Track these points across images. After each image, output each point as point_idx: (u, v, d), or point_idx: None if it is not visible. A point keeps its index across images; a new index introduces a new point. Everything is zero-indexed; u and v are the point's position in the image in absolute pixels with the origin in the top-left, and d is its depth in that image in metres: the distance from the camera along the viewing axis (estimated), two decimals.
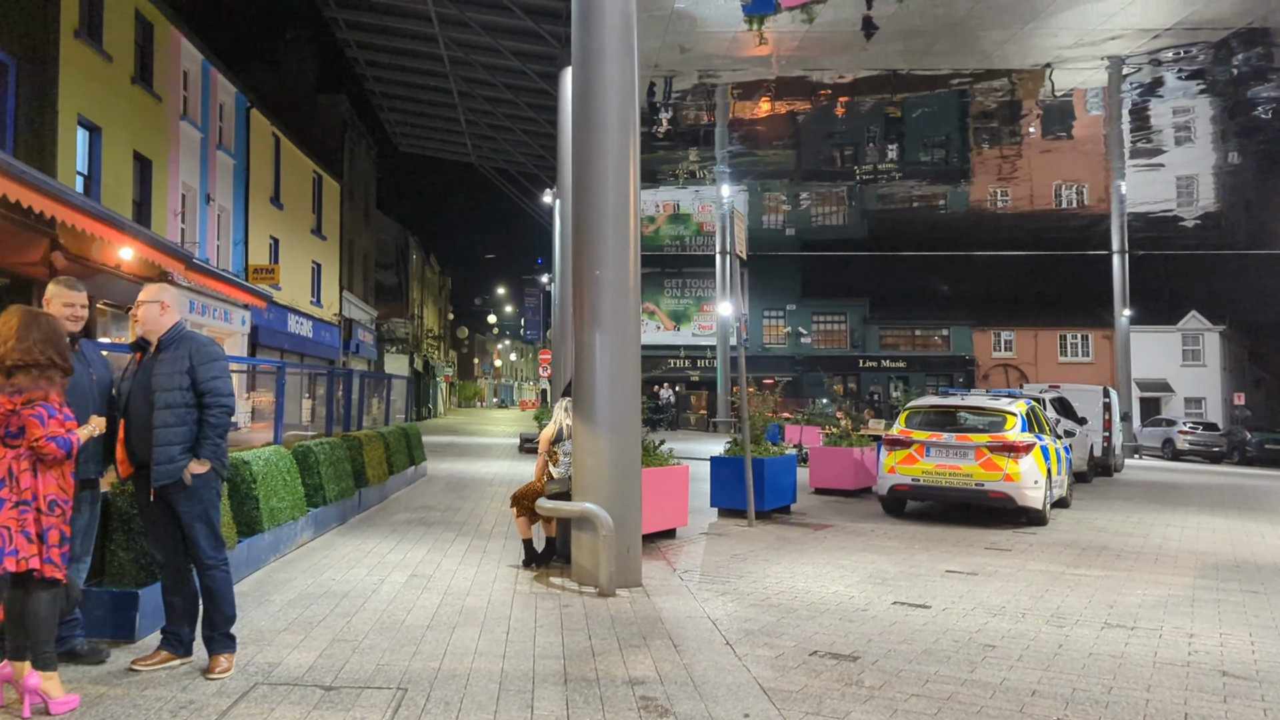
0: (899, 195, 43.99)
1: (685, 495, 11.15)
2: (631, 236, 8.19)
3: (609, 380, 8.10)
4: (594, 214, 8.15)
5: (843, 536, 11.62)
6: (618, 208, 8.14)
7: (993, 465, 12.90)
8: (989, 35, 27.48)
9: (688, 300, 55.88)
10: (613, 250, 8.11)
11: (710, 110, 35.16)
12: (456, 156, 39.18)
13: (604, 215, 8.11)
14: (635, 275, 8.23)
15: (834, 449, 16.53)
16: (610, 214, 8.11)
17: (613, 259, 8.10)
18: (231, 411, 5.56)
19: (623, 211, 8.15)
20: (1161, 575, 9.62)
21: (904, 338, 55.93)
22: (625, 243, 8.15)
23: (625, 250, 8.16)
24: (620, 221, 8.14)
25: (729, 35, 28.26)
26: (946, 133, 37.39)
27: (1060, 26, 26.68)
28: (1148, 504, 17.60)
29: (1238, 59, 29.56)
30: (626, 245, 8.16)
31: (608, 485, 8.09)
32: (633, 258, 8.19)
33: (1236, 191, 44.45)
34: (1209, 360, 56.57)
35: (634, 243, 8.22)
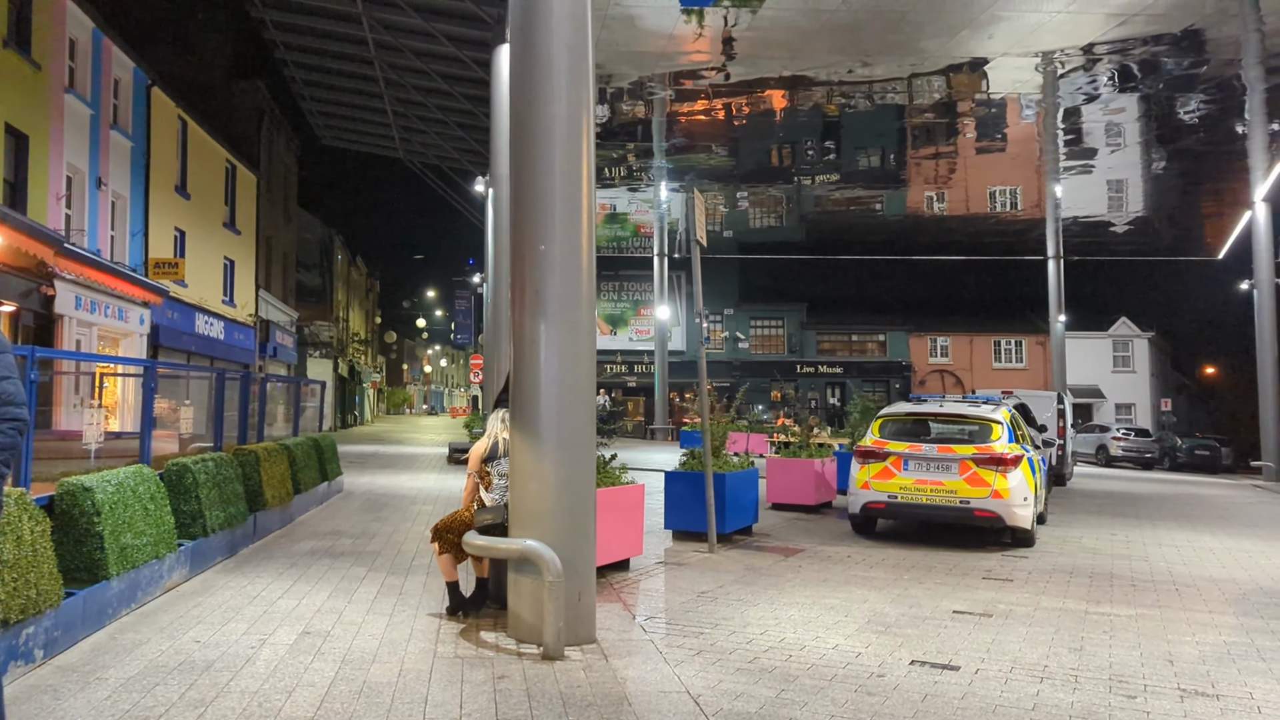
0: (836, 198, 42.81)
1: (641, 520, 9.44)
2: (585, 202, 6.47)
3: (557, 383, 6.37)
4: (538, 173, 6.40)
5: (819, 565, 10.00)
6: (568, 166, 6.40)
7: (979, 480, 11.39)
8: (926, 40, 26.57)
9: (625, 304, 54.15)
10: (561, 220, 6.37)
11: (648, 109, 33.61)
12: (384, 151, 37.09)
13: (550, 175, 6.37)
14: (589, 252, 6.50)
15: (792, 460, 14.94)
16: (558, 173, 6.36)
17: (561, 231, 6.37)
18: (23, 426, 3.73)
19: (573, 171, 6.42)
20: (1198, 613, 8.15)
21: (841, 343, 54.84)
22: (577, 210, 6.42)
23: (577, 220, 6.43)
24: (570, 182, 6.40)
25: (667, 32, 26.85)
26: (883, 136, 36.30)
27: (994, 33, 25.89)
28: (1119, 517, 16.40)
29: (1166, 67, 28.94)
30: (578, 214, 6.44)
31: (554, 516, 6.34)
32: (586, 230, 6.47)
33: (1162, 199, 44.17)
34: (1138, 367, 56.51)
35: (587, 211, 6.49)
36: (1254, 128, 32.35)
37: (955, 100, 32.31)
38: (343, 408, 50.29)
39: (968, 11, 24.75)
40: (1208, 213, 44.88)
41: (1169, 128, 34.57)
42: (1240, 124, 32.62)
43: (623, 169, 38.60)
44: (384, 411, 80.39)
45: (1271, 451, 35.21)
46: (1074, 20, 25.13)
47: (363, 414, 58.69)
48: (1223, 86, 30.09)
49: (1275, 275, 35.47)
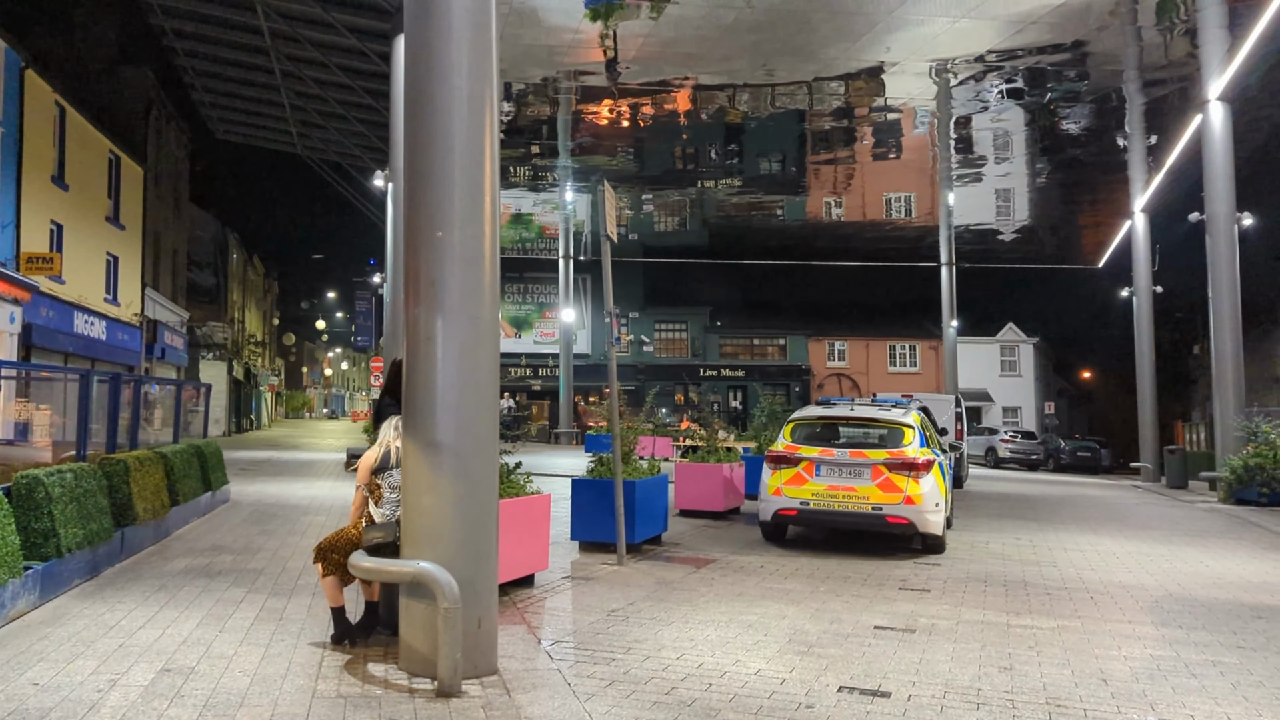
0: (739, 203, 42.67)
1: (547, 532, 8.76)
2: (488, 185, 5.78)
3: (456, 386, 5.66)
4: (436, 151, 5.68)
5: (732, 576, 9.45)
6: (469, 144, 5.71)
7: (892, 486, 11.00)
8: (827, 47, 26.57)
9: (529, 306, 53.21)
10: (461, 203, 5.67)
11: (552, 108, 32.89)
12: (281, 146, 35.60)
13: (448, 154, 5.66)
14: (493, 240, 5.82)
15: (700, 466, 14.41)
16: (458, 151, 5.66)
17: (461, 216, 5.67)
18: None
19: (476, 150, 5.73)
20: (1118, 624, 7.82)
21: (743, 347, 54.84)
22: (479, 193, 5.73)
23: (479, 204, 5.74)
24: (472, 163, 5.71)
25: (572, 32, 26.24)
26: (785, 142, 36.25)
27: (891, 43, 26.03)
28: (1020, 521, 16.31)
29: (1052, 80, 29.50)
30: (481, 197, 5.75)
31: (453, 534, 5.63)
32: (489, 215, 5.78)
33: (1047, 209, 45.22)
34: (1024, 371, 57.85)
35: (491, 194, 5.80)
36: (1133, 140, 33.14)
37: (854, 108, 32.39)
38: (238, 412, 48.29)
39: (867, 20, 24.77)
40: (1089, 223, 46.06)
41: (1054, 139, 35.27)
42: (1121, 137, 33.37)
43: (527, 169, 37.78)
44: (283, 415, 77.83)
45: (1150, 453, 36.09)
46: (966, 32, 25.35)
47: (259, 418, 56.54)
48: (1104, 100, 30.74)
49: (1152, 283, 36.52)
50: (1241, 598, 9.21)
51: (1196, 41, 25.37)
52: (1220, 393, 23.73)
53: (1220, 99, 23.61)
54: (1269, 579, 10.47)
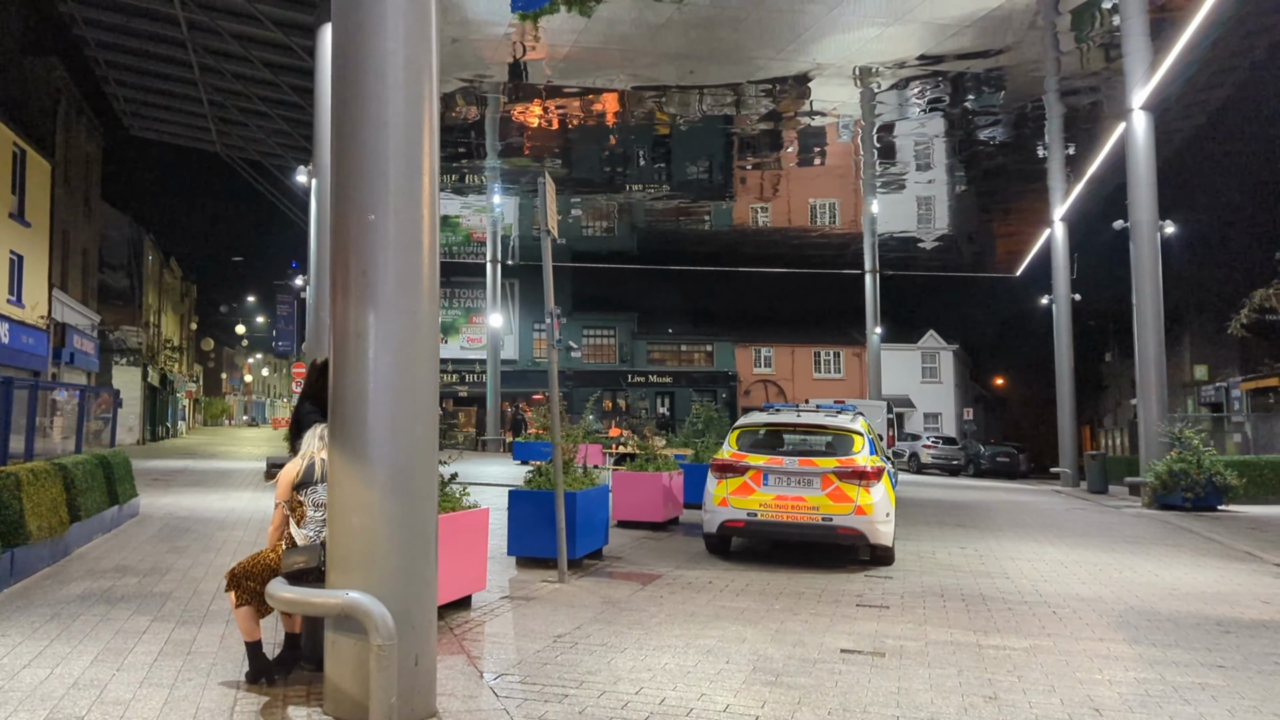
0: (667, 209, 42.21)
1: (485, 549, 8.03)
2: (426, 163, 5.07)
3: (390, 389, 4.93)
4: (367, 123, 4.94)
5: (681, 594, 8.82)
6: (406, 116, 4.99)
7: (842, 496, 10.48)
8: (754, 52, 26.28)
9: (456, 311, 52.03)
10: (396, 183, 4.95)
11: (480, 109, 32.05)
12: (200, 144, 34.07)
13: (381, 127, 4.92)
14: (432, 225, 5.12)
15: (639, 474, 13.75)
16: (392, 124, 4.93)
17: (397, 197, 4.95)
18: None
19: (413, 123, 5.01)
20: (1090, 643, 7.36)
21: (670, 353, 54.41)
22: (416, 172, 5.02)
23: (416, 184, 5.02)
24: (409, 138, 4.99)
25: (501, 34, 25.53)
26: (712, 149, 35.91)
27: (818, 49, 25.89)
28: (959, 528, 15.99)
29: (973, 90, 29.65)
30: (418, 176, 5.03)
31: (387, 559, 4.90)
32: (428, 197, 5.07)
33: (967, 218, 45.70)
34: (945, 377, 58.45)
35: (430, 173, 5.09)
36: (1053, 150, 33.44)
37: (781, 114, 32.17)
38: (153, 419, 46.27)
39: (796, 25, 24.54)
40: (1008, 232, 46.57)
41: (974, 149, 35.51)
42: (1040, 146, 33.64)
43: (454, 173, 36.83)
44: (201, 423, 75.22)
45: (1069, 458, 36.42)
46: (891, 40, 25.29)
47: (176, 426, 54.39)
48: (1024, 110, 30.96)
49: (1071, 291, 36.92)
50: (1203, 610, 8.86)
51: (1115, 53, 25.63)
52: (1144, 399, 23.84)
53: (1144, 108, 23.76)
54: (1221, 589, 10.18)
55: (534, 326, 52.23)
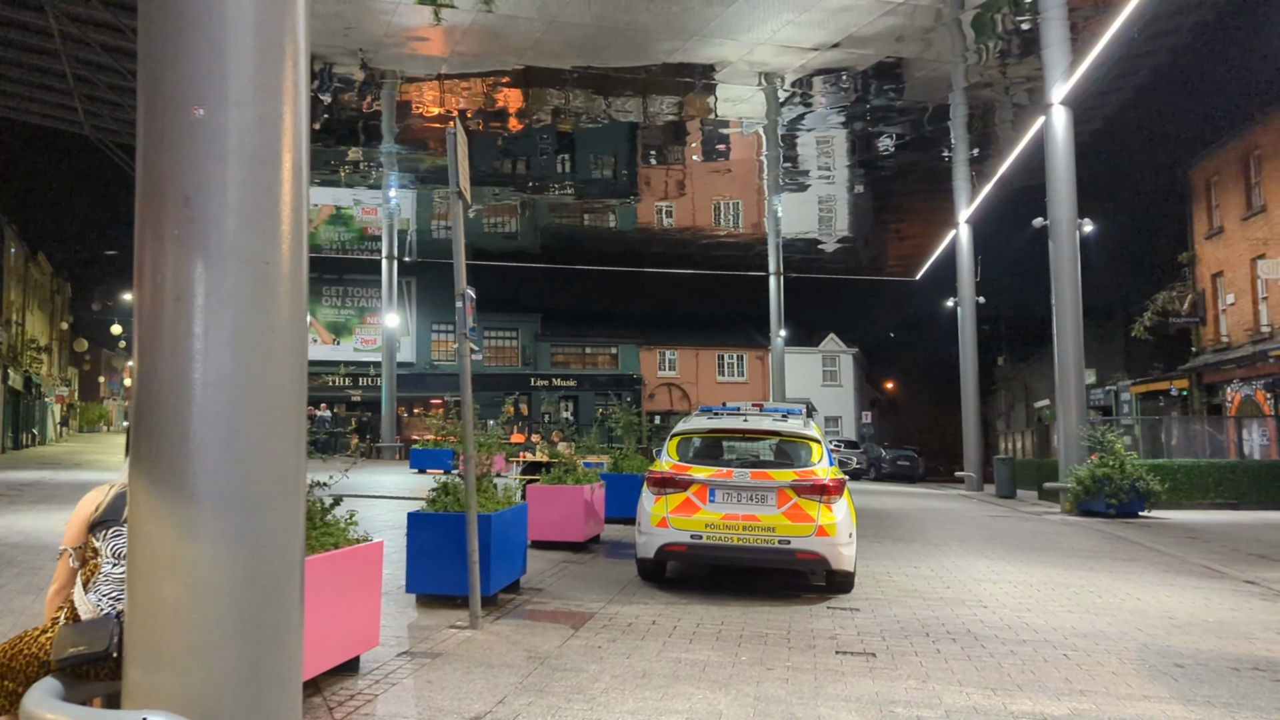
0: (571, 209, 40.48)
1: (377, 594, 6.17)
2: (292, 22, 3.25)
3: (230, 383, 3.11)
4: None
5: (624, 642, 7.09)
6: None
7: (801, 514, 8.90)
8: (658, 44, 24.91)
9: (349, 311, 49.09)
10: (241, 60, 3.12)
11: (375, 99, 29.86)
12: (65, 125, 30.95)
13: None
14: (297, 129, 3.30)
15: (557, 489, 11.95)
16: None
17: (242, 82, 3.13)
18: None
19: None
20: (1136, 703, 5.91)
21: (575, 355, 52.51)
22: (276, 39, 3.20)
23: (278, 64, 3.21)
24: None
25: (399, 22, 23.59)
26: (616, 147, 34.39)
27: (722, 45, 24.69)
28: (898, 542, 14.69)
29: (877, 92, 28.85)
30: (280, 52, 3.21)
31: (218, 651, 3.06)
32: (293, 82, 3.25)
33: (869, 221, 45.27)
34: (844, 381, 58.10)
35: (296, 50, 3.27)
36: (957, 153, 32.82)
37: (685, 112, 30.86)
38: (15, 426, 42.38)
39: (696, 21, 23.28)
40: (910, 234, 46.19)
41: (878, 151, 34.81)
42: (945, 149, 33.01)
43: (348, 166, 34.45)
44: (76, 429, 70.28)
45: (973, 463, 35.94)
46: (794, 38, 24.24)
47: (44, 432, 50.21)
48: (927, 112, 30.27)
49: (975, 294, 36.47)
50: (1223, 648, 7.53)
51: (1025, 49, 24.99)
52: (1063, 402, 23.01)
53: (1063, 103, 22.98)
54: (1221, 616, 8.93)
55: (433, 328, 49.77)
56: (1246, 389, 28.33)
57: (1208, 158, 30.69)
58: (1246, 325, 27.88)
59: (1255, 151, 27.51)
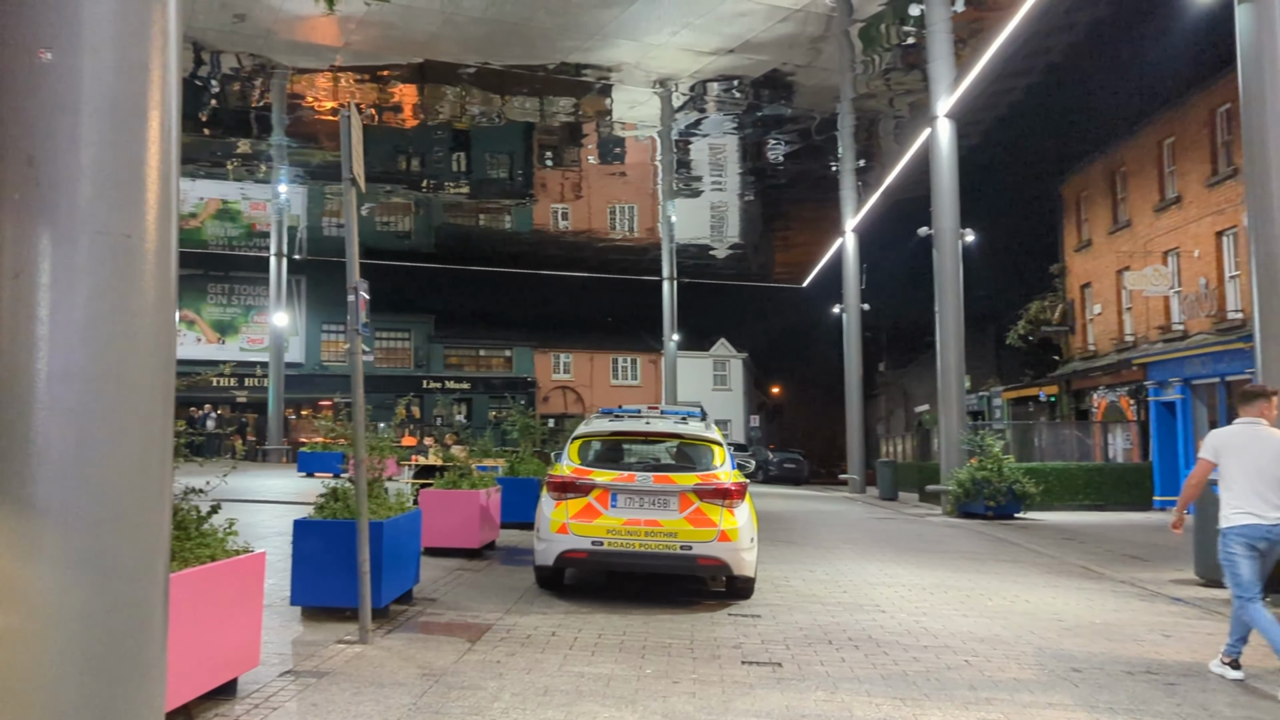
0: (466, 208, 39.63)
1: (258, 610, 5.62)
2: None
3: (81, 375, 2.61)
4: None
5: (523, 656, 6.66)
6: None
7: (703, 519, 8.62)
8: (556, 43, 24.58)
9: (236, 310, 47.12)
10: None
11: (266, 92, 28.66)
12: None
13: None
14: (166, 80, 2.81)
15: (452, 493, 11.41)
16: None
17: (97, 20, 2.63)
18: None
19: None
20: (1043, 711, 5.79)
21: (469, 358, 51.49)
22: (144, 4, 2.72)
23: (144, 24, 2.72)
24: None
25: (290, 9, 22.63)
26: (513, 146, 33.82)
27: (619, 46, 24.56)
28: (790, 545, 14.64)
29: (767, 101, 29.12)
30: (147, 14, 2.73)
31: (59, 689, 2.57)
32: (163, 23, 2.77)
33: (758, 228, 45.74)
34: (734, 385, 58.57)
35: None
36: (845, 163, 33.28)
37: (581, 115, 30.55)
38: None
39: (594, 22, 23.04)
40: (799, 242, 46.76)
41: (766, 160, 35.11)
42: (833, 160, 33.43)
43: (236, 159, 33.01)
44: None
45: (857, 466, 36.47)
46: (687, 44, 24.26)
47: None
48: (818, 122, 30.61)
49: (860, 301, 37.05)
50: (1115, 651, 7.50)
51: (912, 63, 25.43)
52: (945, 406, 23.39)
53: (948, 115, 23.39)
54: (1107, 618, 8.97)
55: (323, 328, 48.17)
56: (1111, 395, 29.34)
57: (1078, 174, 31.73)
58: (1112, 334, 28.88)
59: (1121, 169, 28.52)
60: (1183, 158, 24.82)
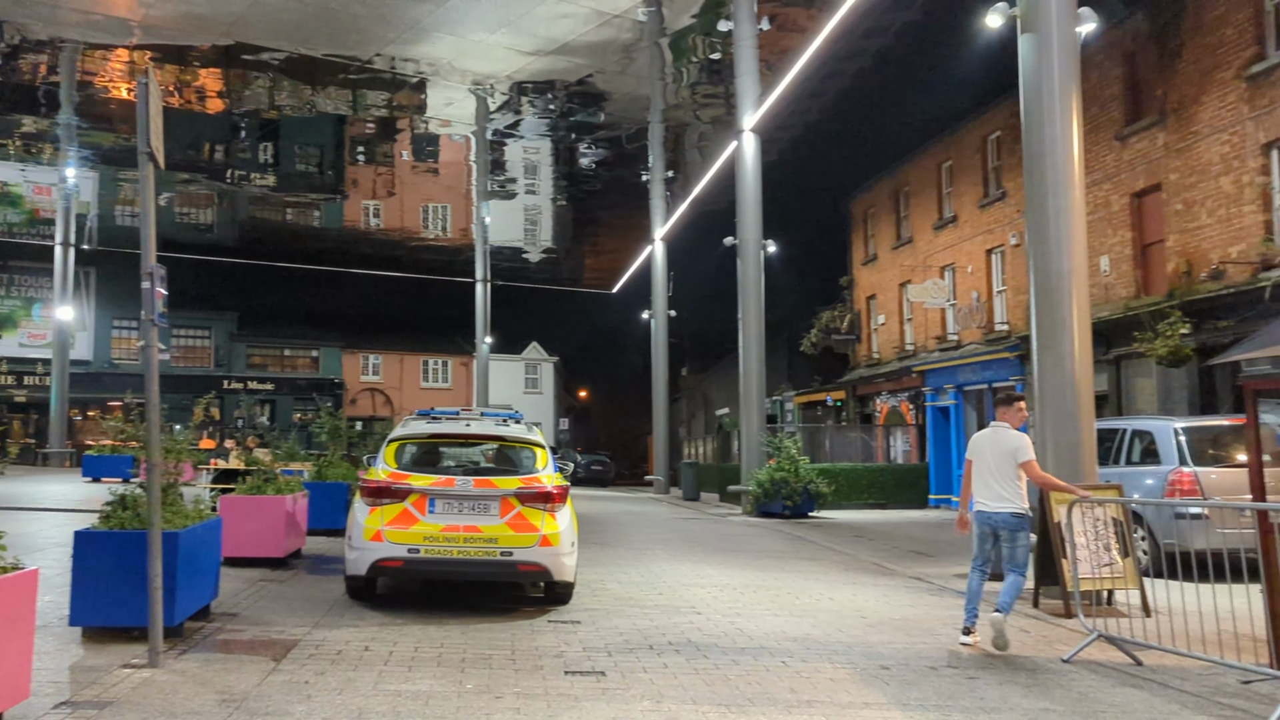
0: (273, 202, 37.45)
1: (28, 635, 4.83)
2: None
3: None
4: None
5: (333, 674, 6.08)
6: None
7: (525, 524, 8.24)
8: (371, 34, 23.65)
9: (14, 302, 42.66)
10: None
11: (55, 70, 26.09)
12: None
13: None
14: None
15: (256, 499, 10.50)
16: None
17: None
18: None
19: None
20: (859, 711, 5.76)
21: (273, 358, 48.70)
22: None
23: None
24: None
25: None
26: (324, 139, 32.23)
27: (438, 39, 23.92)
28: (604, 547, 14.51)
29: (580, 108, 29.19)
30: None
31: None
32: None
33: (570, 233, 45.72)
34: (545, 389, 58.24)
35: None
36: (655, 172, 33.63)
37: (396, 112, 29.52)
38: None
39: (412, 14, 22.33)
40: (610, 248, 47.02)
41: (579, 165, 35.09)
42: (643, 168, 33.72)
43: (19, 138, 29.95)
44: None
45: (661, 467, 36.82)
46: (502, 46, 23.96)
47: None
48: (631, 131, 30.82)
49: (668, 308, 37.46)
50: (917, 646, 7.64)
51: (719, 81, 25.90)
52: (746, 410, 23.84)
53: (753, 130, 23.88)
54: (905, 614, 9.17)
55: (114, 323, 44.42)
56: (893, 400, 30.82)
57: (866, 192, 33.15)
58: (894, 343, 30.33)
59: (905, 188, 29.98)
60: (959, 180, 26.30)
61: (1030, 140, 10.26)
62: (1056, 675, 6.66)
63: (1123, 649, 7.10)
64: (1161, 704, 5.98)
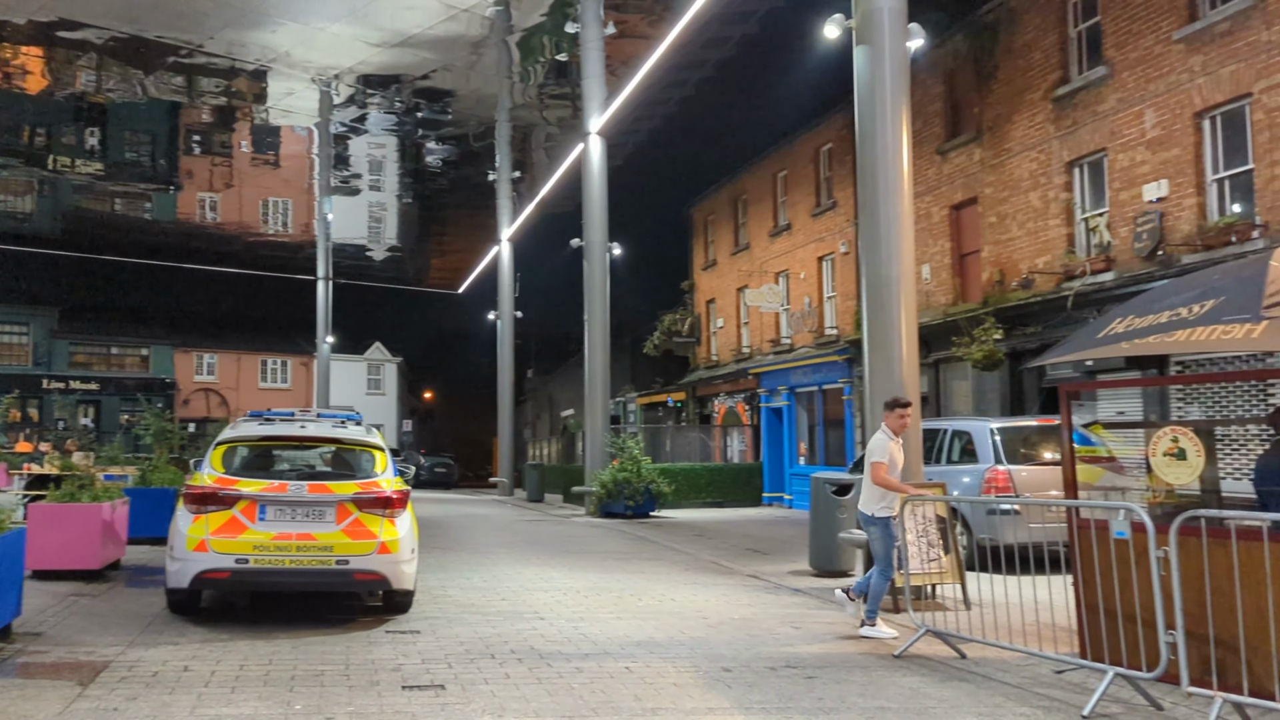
0: (99, 192, 34.76)
1: None
2: None
3: None
4: None
5: (148, 700, 5.50)
6: None
7: (362, 531, 7.76)
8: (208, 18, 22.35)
9: None
10: None
11: None
12: None
13: None
14: None
15: (68, 507, 9.55)
16: None
17: None
18: None
19: None
20: (705, 717, 5.64)
21: (99, 356, 45.20)
22: None
23: None
24: None
25: None
26: (157, 127, 30.14)
27: (280, 25, 22.86)
28: (446, 551, 13.93)
29: (427, 107, 28.57)
30: None
31: None
32: None
33: (416, 233, 44.63)
34: (388, 390, 56.64)
35: None
36: (501, 172, 33.11)
37: (234, 100, 27.96)
38: None
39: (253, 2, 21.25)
40: (455, 249, 46.10)
41: (425, 163, 34.27)
42: (490, 168, 33.16)
43: None
44: None
45: (506, 469, 36.25)
46: (357, 32, 23.07)
47: None
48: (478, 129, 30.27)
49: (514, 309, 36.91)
50: (756, 647, 7.54)
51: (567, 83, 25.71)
52: (591, 411, 23.71)
53: (599, 133, 23.75)
54: (745, 613, 9.14)
55: None
56: (730, 401, 31.31)
57: (706, 198, 33.51)
58: (732, 346, 30.81)
59: (743, 196, 30.48)
60: (793, 189, 26.89)
61: (864, 148, 10.39)
62: (889, 672, 6.73)
63: (948, 643, 7.26)
64: (987, 696, 6.10)
